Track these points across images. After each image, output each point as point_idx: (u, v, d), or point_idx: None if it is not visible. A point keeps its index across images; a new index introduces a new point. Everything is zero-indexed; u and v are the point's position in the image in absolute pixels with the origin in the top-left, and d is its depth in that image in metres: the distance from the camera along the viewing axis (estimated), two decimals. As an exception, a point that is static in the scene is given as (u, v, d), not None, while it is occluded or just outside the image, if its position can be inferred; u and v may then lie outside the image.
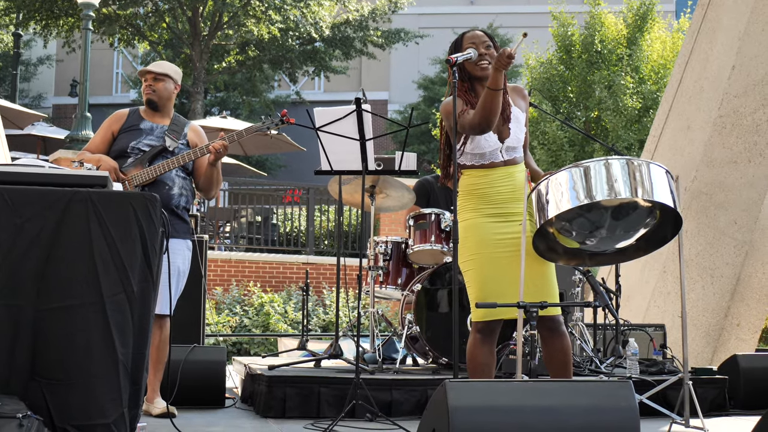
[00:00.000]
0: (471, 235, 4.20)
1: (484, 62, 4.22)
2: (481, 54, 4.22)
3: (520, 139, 4.27)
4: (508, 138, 4.23)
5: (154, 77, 5.22)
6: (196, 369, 5.73)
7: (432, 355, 6.36)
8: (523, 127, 4.29)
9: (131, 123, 5.19)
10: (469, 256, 4.21)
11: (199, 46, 23.13)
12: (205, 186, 5.24)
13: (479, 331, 4.16)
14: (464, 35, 4.32)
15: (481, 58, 4.22)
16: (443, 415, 3.08)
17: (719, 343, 7.93)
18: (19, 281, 3.47)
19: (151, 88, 5.22)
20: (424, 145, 26.59)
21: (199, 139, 5.30)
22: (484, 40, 4.26)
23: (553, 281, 4.21)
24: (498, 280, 4.10)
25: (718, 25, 8.36)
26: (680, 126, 8.51)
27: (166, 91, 5.25)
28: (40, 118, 16.86)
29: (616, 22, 19.93)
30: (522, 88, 4.42)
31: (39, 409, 3.37)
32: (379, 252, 6.72)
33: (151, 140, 5.13)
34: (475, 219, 4.20)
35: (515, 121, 4.25)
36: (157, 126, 5.19)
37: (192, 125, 5.35)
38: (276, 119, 5.31)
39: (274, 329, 11.84)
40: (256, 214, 15.76)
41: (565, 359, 4.18)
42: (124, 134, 5.15)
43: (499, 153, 4.21)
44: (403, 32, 25.62)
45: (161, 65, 5.30)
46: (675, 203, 3.95)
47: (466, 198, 4.26)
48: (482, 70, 4.23)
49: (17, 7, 22.61)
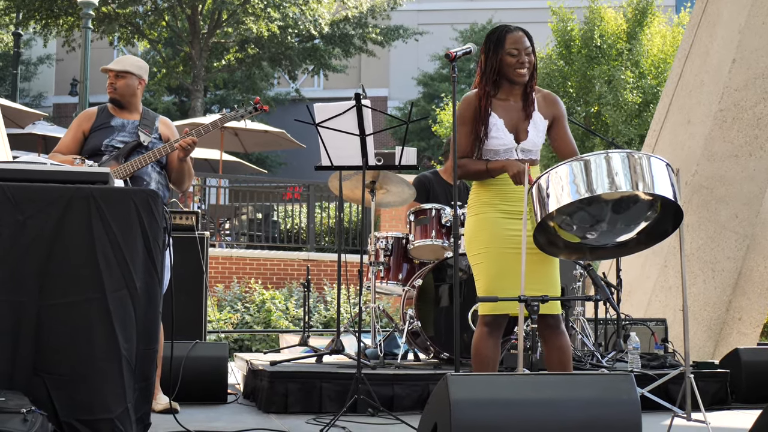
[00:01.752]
0: (482, 230, 4.21)
1: (522, 69, 4.19)
2: (521, 62, 4.18)
3: (537, 143, 4.26)
4: (525, 140, 4.23)
5: (115, 75, 5.17)
6: (198, 365, 5.73)
7: (433, 350, 6.37)
8: (542, 133, 4.28)
9: (102, 121, 5.15)
10: (479, 249, 4.22)
11: (198, 44, 23.13)
12: (177, 180, 5.22)
13: (486, 325, 4.17)
14: (507, 35, 4.22)
15: (521, 66, 4.18)
16: (445, 408, 3.08)
17: (721, 337, 7.93)
18: (21, 277, 3.48)
19: (113, 87, 5.16)
20: (423, 141, 26.59)
21: (170, 131, 5.29)
22: (527, 47, 4.21)
23: (557, 280, 4.22)
24: (506, 275, 4.11)
25: (718, 19, 8.36)
26: (681, 120, 8.51)
27: (128, 88, 5.20)
28: (41, 117, 16.86)
29: (616, 16, 19.92)
30: (554, 97, 4.37)
31: (43, 404, 3.39)
32: (380, 248, 6.73)
33: (123, 136, 5.10)
34: (487, 213, 4.21)
35: (534, 126, 4.24)
36: (128, 122, 5.16)
37: (161, 118, 5.33)
38: (249, 107, 5.30)
39: (275, 326, 11.85)
40: (257, 211, 15.77)
41: (565, 357, 4.19)
42: (96, 132, 5.11)
43: (514, 152, 4.22)
44: (402, 29, 25.61)
45: (122, 62, 5.23)
46: (676, 196, 3.94)
47: (479, 192, 4.27)
48: (519, 77, 4.20)
49: (17, 7, 22.62)
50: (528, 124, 4.24)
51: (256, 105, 5.27)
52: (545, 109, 4.31)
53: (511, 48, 4.19)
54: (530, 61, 4.21)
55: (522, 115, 4.24)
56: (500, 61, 4.20)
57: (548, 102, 4.33)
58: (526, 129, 4.24)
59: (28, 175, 3.66)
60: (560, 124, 4.34)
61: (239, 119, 5.29)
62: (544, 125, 4.29)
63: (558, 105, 4.36)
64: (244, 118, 5.30)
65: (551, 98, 4.36)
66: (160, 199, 3.77)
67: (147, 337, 3.69)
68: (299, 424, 5.02)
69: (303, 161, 19.46)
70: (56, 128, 18.24)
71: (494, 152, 4.23)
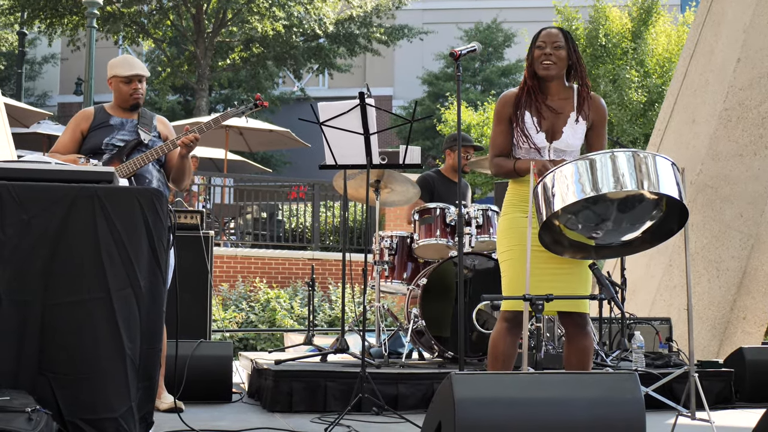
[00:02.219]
0: (509, 229, 4.24)
1: (547, 62, 4.19)
2: (546, 54, 4.19)
3: (572, 145, 4.24)
4: (559, 140, 4.23)
5: (139, 80, 5.15)
6: (203, 364, 5.74)
7: (438, 349, 6.37)
8: (580, 135, 4.26)
9: (100, 120, 5.12)
10: (505, 248, 4.26)
11: (203, 44, 23.14)
12: (176, 178, 5.21)
13: (507, 320, 4.19)
14: (541, 32, 4.27)
15: (545, 57, 4.19)
16: (449, 407, 3.09)
17: (725, 336, 7.92)
18: (26, 277, 3.49)
19: (140, 92, 5.14)
20: (428, 140, 26.57)
21: (167, 130, 5.29)
22: (555, 40, 4.21)
23: (587, 279, 4.22)
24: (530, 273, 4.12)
25: (722, 18, 8.35)
26: (685, 119, 8.50)
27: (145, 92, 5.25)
28: (46, 117, 16.88)
29: (621, 15, 19.90)
30: (598, 101, 4.34)
31: (47, 403, 3.39)
32: (385, 247, 6.73)
33: (123, 135, 5.09)
34: (514, 214, 4.24)
35: (572, 128, 4.24)
36: (127, 121, 5.14)
37: (159, 117, 5.32)
38: (250, 104, 5.29)
39: (280, 325, 11.85)
40: (262, 211, 15.78)
41: (586, 360, 4.21)
42: (95, 131, 5.08)
43: (546, 152, 4.23)
44: (407, 28, 25.60)
45: (144, 67, 5.23)
46: (681, 195, 3.94)
47: (509, 193, 4.32)
48: (544, 69, 4.20)
49: (22, 6, 22.65)
50: (566, 124, 4.24)
51: (257, 101, 5.26)
52: (590, 113, 4.29)
53: (540, 42, 4.22)
54: (558, 55, 4.20)
55: (561, 114, 4.24)
56: (532, 57, 4.24)
57: (592, 106, 4.31)
58: (561, 129, 4.24)
59: (33, 174, 3.66)
60: (596, 131, 4.33)
61: (240, 116, 5.29)
62: (582, 127, 4.27)
63: (601, 110, 4.33)
64: (245, 115, 5.30)
65: (596, 102, 4.33)
66: (165, 198, 3.77)
67: (151, 337, 3.69)
68: (304, 423, 5.03)
69: (308, 160, 19.46)
70: (61, 127, 18.23)
71: (525, 150, 4.24)
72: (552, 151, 4.23)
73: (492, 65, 28.96)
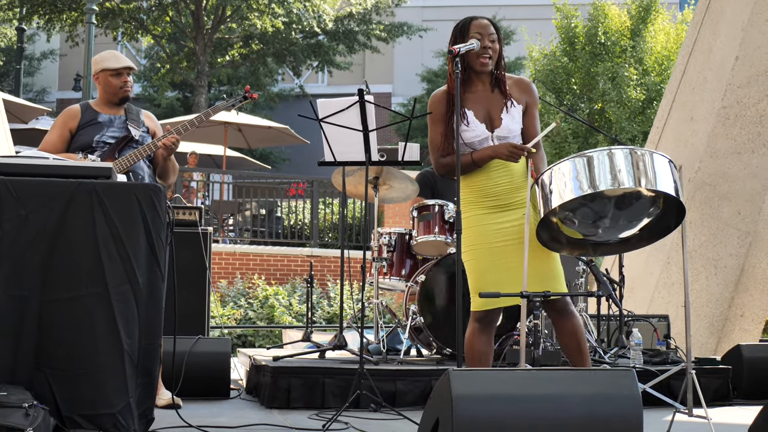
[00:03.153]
0: (468, 228, 4.21)
1: (485, 56, 4.17)
2: (484, 47, 4.16)
3: (512, 130, 4.21)
4: (499, 128, 4.20)
5: (128, 73, 5.13)
6: (201, 360, 5.74)
7: (436, 345, 6.38)
8: (519, 120, 4.24)
9: (88, 118, 5.09)
10: (468, 247, 4.22)
11: (202, 40, 23.13)
12: (161, 174, 5.21)
13: (478, 321, 4.18)
14: (472, 22, 4.23)
15: (484, 51, 4.16)
16: (446, 403, 3.09)
17: (723, 333, 7.93)
18: (24, 272, 3.49)
19: (129, 85, 5.13)
20: (427, 137, 26.57)
21: (154, 124, 5.28)
22: (491, 32, 4.19)
23: (557, 267, 4.20)
24: (496, 270, 4.12)
25: (721, 16, 8.35)
26: (684, 117, 8.51)
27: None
28: (44, 113, 16.87)
29: (620, 13, 19.90)
30: (527, 83, 4.33)
31: (45, 398, 3.40)
32: (383, 243, 6.73)
33: (113, 132, 5.07)
34: (473, 211, 4.21)
35: (510, 114, 4.22)
36: (115, 117, 5.12)
37: (144, 112, 5.30)
38: (239, 97, 5.28)
39: (278, 322, 11.86)
40: (261, 207, 15.78)
41: (578, 341, 4.18)
42: (85, 129, 5.05)
43: (489, 141, 4.20)
44: (406, 25, 25.59)
45: (126, 59, 5.19)
46: (678, 193, 3.95)
47: (465, 191, 4.26)
48: (482, 66, 4.19)
49: (21, 2, 22.63)
50: (501, 111, 4.22)
51: (246, 94, 5.25)
52: (518, 95, 4.27)
53: (475, 33, 4.18)
54: (494, 48, 4.18)
55: (494, 103, 4.22)
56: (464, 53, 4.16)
57: (521, 88, 4.30)
58: (499, 116, 4.22)
59: (31, 169, 3.67)
60: (530, 112, 4.30)
61: (230, 109, 5.27)
62: (518, 111, 4.25)
63: (531, 91, 4.31)
64: (235, 108, 5.29)
65: (525, 84, 4.32)
66: (163, 194, 3.77)
67: (149, 333, 3.69)
68: (302, 419, 5.03)
69: (307, 157, 19.44)
70: (60, 124, 18.25)
71: (470, 144, 4.22)
72: (495, 139, 4.20)
73: (491, 62, 28.93)
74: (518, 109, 4.25)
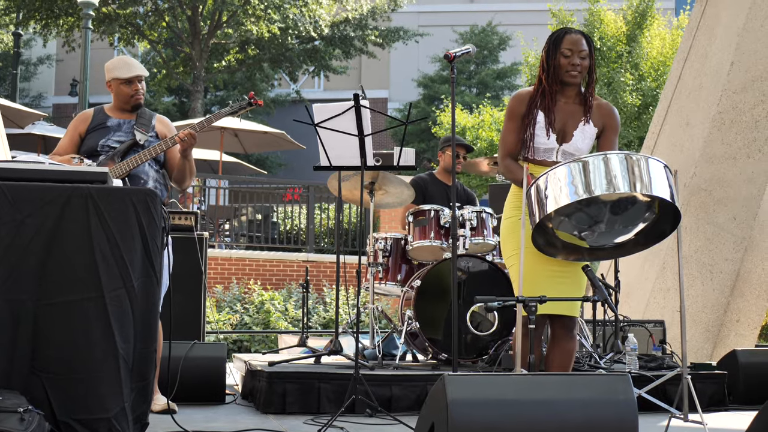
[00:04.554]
0: (513, 233, 4.25)
1: (574, 72, 4.23)
2: (573, 63, 4.22)
3: (580, 149, 4.26)
4: (568, 143, 4.25)
5: (139, 80, 5.15)
6: (197, 365, 5.73)
7: (432, 351, 6.37)
8: (589, 140, 4.29)
9: (98, 122, 5.12)
10: (511, 252, 4.28)
11: (198, 45, 23.13)
12: (178, 178, 5.20)
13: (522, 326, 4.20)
14: (565, 36, 4.28)
15: (573, 68, 4.22)
16: (442, 408, 3.09)
17: (719, 339, 7.94)
18: (20, 276, 3.48)
19: (140, 93, 5.15)
20: (423, 143, 26.60)
21: (166, 129, 5.27)
22: (582, 48, 4.24)
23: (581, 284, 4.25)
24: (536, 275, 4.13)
25: (716, 21, 8.37)
26: (679, 122, 8.52)
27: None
28: (41, 118, 16.85)
29: (616, 19, 19.94)
30: (610, 108, 4.37)
31: (40, 403, 3.39)
32: (379, 248, 6.73)
33: (119, 136, 5.09)
34: (516, 218, 4.25)
35: (581, 131, 4.26)
36: (124, 122, 5.14)
37: (158, 117, 5.30)
38: (244, 102, 5.28)
39: (274, 327, 11.84)
40: (257, 212, 15.78)
41: (568, 362, 4.25)
42: (93, 133, 5.09)
43: (554, 153, 4.25)
44: (403, 31, 25.62)
45: (141, 66, 5.21)
46: (673, 197, 3.95)
47: (513, 195, 4.34)
48: (571, 78, 4.24)
49: (17, 7, 22.63)
50: (576, 128, 4.27)
51: (251, 99, 5.26)
52: (597, 118, 4.32)
53: (566, 49, 4.23)
54: (583, 64, 4.24)
55: (572, 118, 4.27)
56: (555, 62, 4.24)
57: (603, 111, 4.34)
58: (572, 132, 4.26)
59: (27, 174, 3.66)
60: (606, 136, 4.35)
61: (234, 114, 5.28)
62: (592, 132, 4.30)
63: (612, 117, 4.36)
64: (239, 114, 5.29)
65: (607, 109, 4.37)
66: (158, 198, 3.76)
67: (145, 337, 3.68)
68: (297, 424, 5.03)
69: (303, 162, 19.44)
70: (56, 128, 18.24)
71: (535, 150, 4.26)
72: (561, 153, 4.25)
73: (487, 68, 29.01)
74: (593, 130, 4.30)
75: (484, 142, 20.10)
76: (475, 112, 22.03)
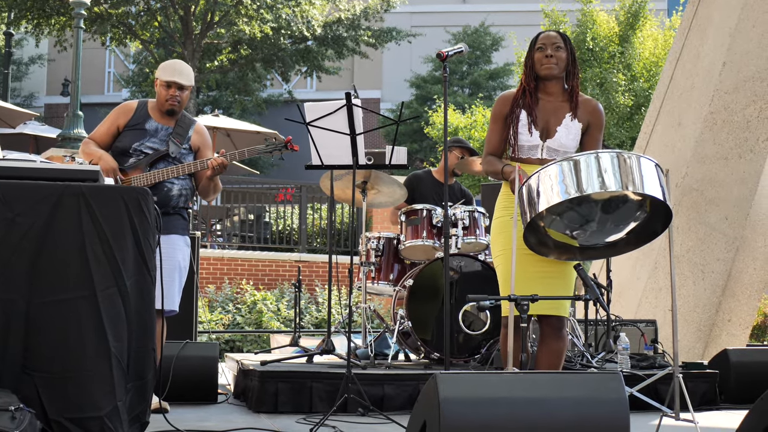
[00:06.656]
0: (501, 233, 4.27)
1: (549, 64, 4.27)
2: (548, 55, 4.26)
3: (565, 145, 4.28)
4: (552, 139, 4.26)
5: (179, 87, 5.15)
6: (189, 365, 5.73)
7: (424, 350, 6.38)
8: (574, 136, 4.31)
9: (137, 120, 5.13)
10: (498, 251, 4.30)
11: (191, 45, 23.10)
12: (203, 192, 5.27)
13: (505, 327, 4.21)
14: (540, 34, 4.38)
15: (547, 60, 4.27)
16: (434, 407, 3.08)
17: (710, 338, 7.96)
18: (11, 275, 3.47)
19: (176, 99, 5.14)
20: (416, 143, 26.60)
21: (202, 141, 5.27)
22: (555, 42, 4.30)
23: (571, 284, 4.26)
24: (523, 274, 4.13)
25: (708, 22, 8.39)
26: (671, 123, 8.54)
27: (186, 99, 5.24)
28: (32, 117, 16.81)
29: (608, 19, 19.97)
30: (594, 104, 4.39)
31: (32, 402, 3.38)
32: (371, 248, 6.73)
33: (154, 143, 5.09)
34: (506, 217, 4.27)
35: (566, 128, 4.28)
36: (162, 127, 5.14)
37: (197, 126, 5.29)
38: (280, 144, 5.32)
39: (266, 327, 11.84)
40: (249, 212, 15.77)
41: (557, 362, 4.27)
42: (129, 131, 5.10)
43: (539, 150, 4.26)
44: (395, 31, 25.61)
45: (189, 76, 5.20)
46: (665, 196, 3.96)
47: (502, 195, 4.36)
48: (546, 70, 4.27)
49: (8, 6, 22.56)
50: (560, 123, 4.29)
51: (287, 144, 5.30)
52: (582, 114, 4.34)
53: (540, 44, 4.30)
54: (558, 55, 4.27)
55: (556, 114, 4.30)
56: (532, 58, 4.31)
57: (587, 108, 4.37)
58: (555, 128, 4.28)
59: (18, 172, 3.65)
60: (591, 134, 4.37)
61: (269, 155, 5.33)
62: (576, 128, 4.32)
63: (597, 114, 4.38)
64: (272, 154, 5.34)
65: (591, 105, 4.39)
66: (150, 197, 3.75)
67: (141, 336, 3.68)
68: (289, 423, 5.03)
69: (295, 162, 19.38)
70: (47, 128, 18.20)
71: (520, 148, 4.27)
72: (545, 149, 4.26)
73: (480, 68, 29.03)
74: (577, 126, 4.31)
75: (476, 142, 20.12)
76: (467, 113, 22.05)
